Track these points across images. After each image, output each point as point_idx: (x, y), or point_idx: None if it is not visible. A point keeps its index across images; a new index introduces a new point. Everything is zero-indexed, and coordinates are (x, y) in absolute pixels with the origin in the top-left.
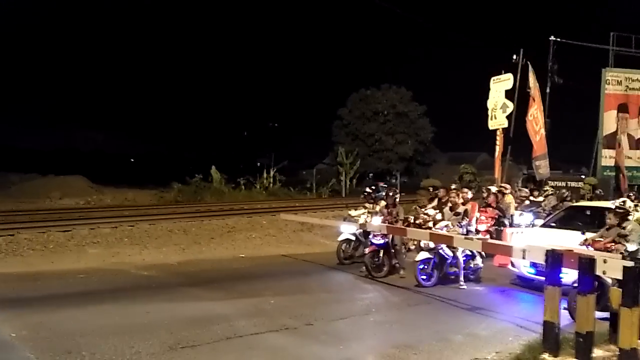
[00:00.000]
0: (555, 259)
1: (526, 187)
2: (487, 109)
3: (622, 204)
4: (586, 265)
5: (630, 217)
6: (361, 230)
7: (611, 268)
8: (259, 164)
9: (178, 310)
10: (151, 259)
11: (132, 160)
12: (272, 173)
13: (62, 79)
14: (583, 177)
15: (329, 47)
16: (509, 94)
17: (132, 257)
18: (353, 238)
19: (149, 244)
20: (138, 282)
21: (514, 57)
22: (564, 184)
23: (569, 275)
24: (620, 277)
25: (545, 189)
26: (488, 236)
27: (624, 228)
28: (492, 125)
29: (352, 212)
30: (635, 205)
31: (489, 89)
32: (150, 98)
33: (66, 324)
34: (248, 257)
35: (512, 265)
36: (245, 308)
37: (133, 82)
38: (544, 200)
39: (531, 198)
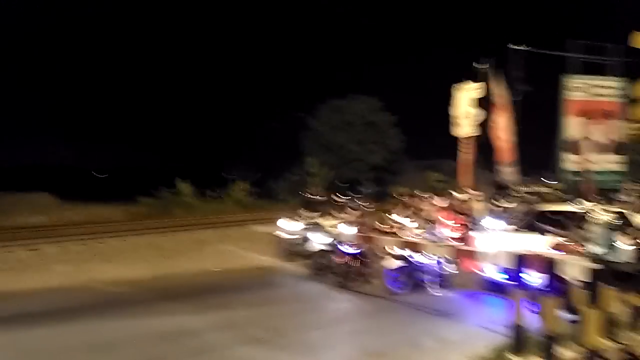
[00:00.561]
0: (521, 262)
1: (495, 193)
2: (451, 117)
3: (582, 207)
4: (550, 268)
5: (593, 220)
6: (333, 240)
7: (574, 270)
8: (228, 176)
9: (147, 326)
10: (121, 275)
11: (100, 175)
12: (242, 185)
13: (24, 93)
14: (550, 182)
15: (297, 57)
16: (473, 102)
17: (101, 274)
18: (325, 248)
19: (119, 260)
20: (107, 298)
21: (478, 65)
22: (530, 189)
23: (536, 279)
24: (584, 278)
25: (513, 194)
26: (458, 242)
27: (587, 231)
28: (456, 132)
29: (324, 222)
30: (598, 208)
31: (453, 97)
32: (116, 112)
33: (33, 344)
34: (219, 271)
35: (481, 270)
36: (216, 321)
37: (96, 94)
38: (511, 206)
39: (499, 204)
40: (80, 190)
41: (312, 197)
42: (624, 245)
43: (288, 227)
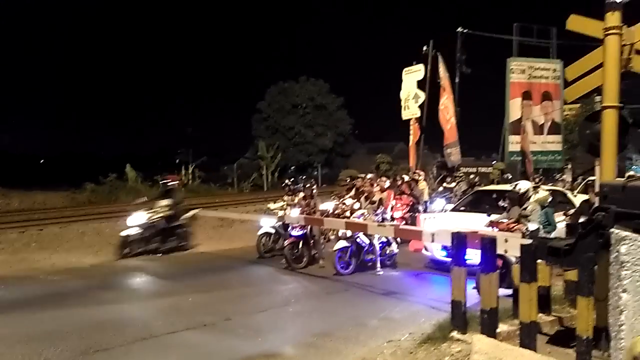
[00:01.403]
0: (460, 240)
1: (440, 174)
2: (400, 100)
3: (515, 186)
4: (488, 245)
5: (531, 199)
6: (280, 223)
7: (512, 247)
8: (177, 160)
9: (90, 315)
10: (62, 263)
11: (42, 161)
12: (190, 169)
13: None
14: (493, 162)
15: (246, 41)
16: (420, 85)
17: (41, 262)
18: (273, 231)
19: (60, 248)
20: (48, 287)
21: (424, 48)
22: (474, 169)
23: (476, 256)
24: (520, 255)
25: (456, 175)
26: (403, 223)
27: (525, 209)
28: (405, 115)
29: (272, 205)
30: (535, 187)
31: (401, 80)
32: (60, 97)
33: None
34: (165, 256)
35: (426, 249)
36: (162, 308)
37: (38, 81)
38: (455, 186)
39: (444, 184)
40: (22, 177)
41: None
42: (557, 222)
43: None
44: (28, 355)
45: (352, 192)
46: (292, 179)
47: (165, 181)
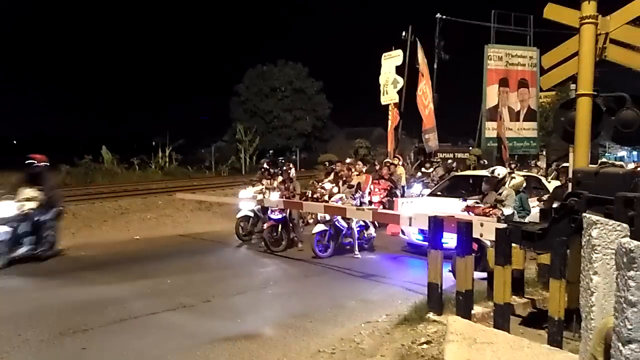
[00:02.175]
0: (436, 224)
1: (417, 159)
2: (379, 85)
3: (493, 171)
4: (464, 229)
5: (506, 184)
6: (259, 206)
7: (487, 231)
8: (154, 143)
9: (69, 296)
10: None
11: (15, 142)
12: (167, 152)
13: None
14: (470, 148)
15: (223, 23)
16: (399, 70)
17: None
18: (251, 214)
19: None
20: (24, 269)
21: (403, 34)
22: (451, 155)
23: (452, 240)
24: (494, 238)
25: (433, 160)
26: (381, 207)
27: (500, 194)
28: (384, 100)
29: (249, 189)
30: (510, 173)
31: (380, 66)
32: (33, 76)
33: None
34: (143, 239)
35: (403, 233)
36: (141, 290)
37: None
38: (432, 171)
39: (422, 169)
40: None
41: None
42: (532, 207)
43: None
44: (6, 335)
45: (331, 177)
46: (271, 162)
47: (30, 162)
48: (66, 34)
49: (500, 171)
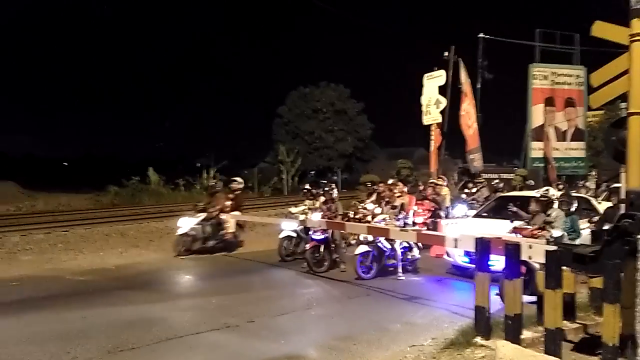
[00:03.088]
0: (484, 246)
1: (461, 180)
2: (421, 105)
3: (546, 192)
4: (512, 252)
5: (554, 205)
6: (302, 227)
7: (536, 253)
8: (198, 164)
9: (116, 314)
10: (87, 264)
11: (65, 164)
12: (212, 173)
13: None
14: (515, 169)
15: (268, 47)
16: (442, 90)
17: (67, 263)
18: (294, 235)
19: (85, 249)
20: (74, 287)
21: (446, 54)
22: (496, 175)
23: (499, 262)
24: (544, 261)
25: (478, 181)
26: (425, 228)
27: (549, 215)
28: (426, 120)
29: (293, 209)
30: (560, 194)
31: (422, 86)
32: (80, 101)
33: (0, 334)
34: (188, 258)
35: (448, 255)
36: (186, 309)
37: (60, 84)
38: (477, 192)
39: (466, 190)
40: (47, 179)
41: None
42: (582, 229)
43: None
44: (56, 353)
45: (374, 197)
46: (314, 183)
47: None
48: (120, 58)
49: (552, 192)
